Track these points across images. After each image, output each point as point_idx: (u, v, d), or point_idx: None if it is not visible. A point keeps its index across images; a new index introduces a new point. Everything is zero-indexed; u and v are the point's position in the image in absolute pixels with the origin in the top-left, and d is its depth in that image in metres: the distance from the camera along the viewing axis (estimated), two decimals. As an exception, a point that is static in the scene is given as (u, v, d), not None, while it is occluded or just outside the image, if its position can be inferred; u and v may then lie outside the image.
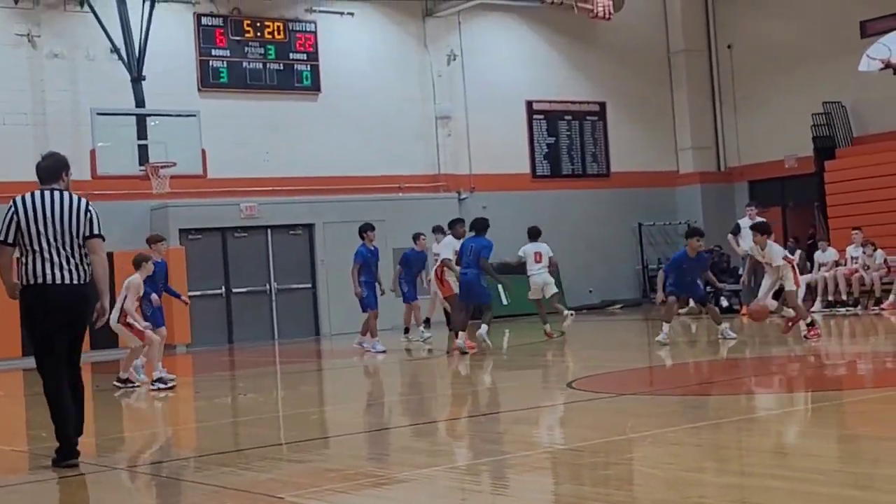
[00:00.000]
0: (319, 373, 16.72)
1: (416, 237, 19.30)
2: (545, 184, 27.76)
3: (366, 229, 17.67)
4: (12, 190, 21.21)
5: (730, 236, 21.40)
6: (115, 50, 21.69)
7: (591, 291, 27.58)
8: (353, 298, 17.68)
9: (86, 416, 8.48)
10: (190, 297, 18.88)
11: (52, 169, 8.35)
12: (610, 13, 26.21)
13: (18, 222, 8.08)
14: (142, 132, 20.69)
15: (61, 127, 21.90)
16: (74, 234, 8.10)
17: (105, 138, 20.55)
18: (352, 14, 25.56)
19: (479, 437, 8.98)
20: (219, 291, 22.98)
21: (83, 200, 8.25)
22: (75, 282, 8.10)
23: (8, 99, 21.62)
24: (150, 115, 20.86)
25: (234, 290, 23.14)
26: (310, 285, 23.98)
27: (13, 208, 8.12)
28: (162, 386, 13.52)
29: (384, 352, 17.22)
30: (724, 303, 21.98)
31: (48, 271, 8.04)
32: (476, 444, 8.69)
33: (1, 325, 20.88)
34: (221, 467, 7.95)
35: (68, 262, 8.09)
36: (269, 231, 23.57)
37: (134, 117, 20.74)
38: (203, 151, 21.76)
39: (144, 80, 21.29)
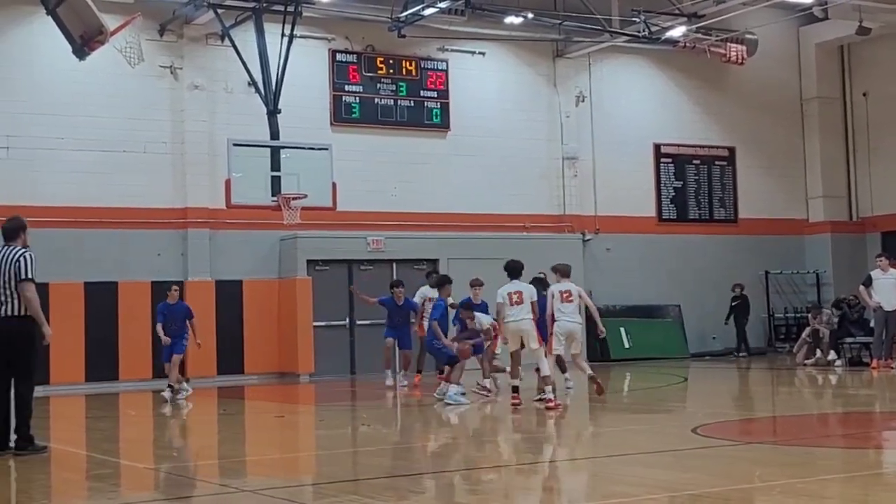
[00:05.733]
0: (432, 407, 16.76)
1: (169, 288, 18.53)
2: (671, 227, 27.55)
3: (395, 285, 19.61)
4: (151, 216, 22.17)
5: (861, 288, 20.85)
6: (253, 83, 22.21)
7: (714, 338, 27.22)
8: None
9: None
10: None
11: (13, 230, 10.62)
12: (743, 58, 25.96)
13: None
14: (275, 164, 21.06)
15: (198, 156, 22.61)
16: (9, 279, 10.37)
17: (240, 169, 20.98)
18: (483, 54, 25.81)
19: (603, 478, 8.93)
20: (343, 323, 23.29)
21: (18, 251, 10.43)
22: (6, 315, 10.38)
23: (149, 128, 22.37)
24: (283, 147, 21.24)
25: (358, 322, 23.41)
26: (433, 319, 24.09)
27: None
28: None
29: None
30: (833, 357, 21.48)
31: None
32: (600, 484, 8.66)
33: (133, 350, 21.56)
34: (349, 494, 8.07)
35: (5, 301, 10.39)
36: (394, 265, 23.82)
37: (268, 149, 21.14)
38: (333, 184, 22.06)
39: (280, 113, 21.73)
